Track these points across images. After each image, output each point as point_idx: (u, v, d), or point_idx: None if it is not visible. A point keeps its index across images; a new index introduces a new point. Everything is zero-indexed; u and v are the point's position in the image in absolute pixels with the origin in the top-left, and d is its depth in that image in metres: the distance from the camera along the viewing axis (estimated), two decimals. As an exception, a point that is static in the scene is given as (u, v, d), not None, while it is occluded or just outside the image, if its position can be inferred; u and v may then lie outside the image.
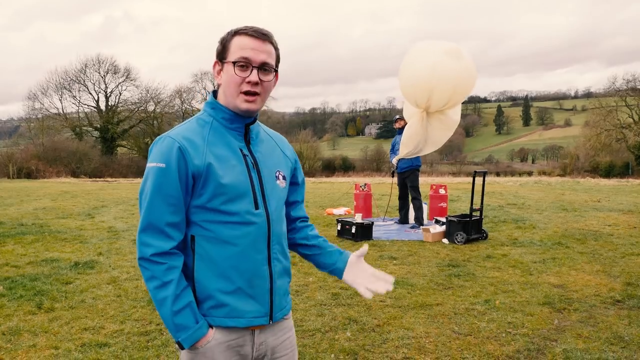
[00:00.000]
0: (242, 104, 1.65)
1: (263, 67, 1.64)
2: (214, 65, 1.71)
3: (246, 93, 1.64)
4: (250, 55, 1.62)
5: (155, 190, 1.59)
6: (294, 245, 1.93)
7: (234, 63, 1.62)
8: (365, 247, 1.85)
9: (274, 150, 1.82)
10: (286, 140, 1.94)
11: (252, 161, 1.70)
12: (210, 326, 1.64)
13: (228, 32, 1.68)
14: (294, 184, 1.91)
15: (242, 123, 1.70)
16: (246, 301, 1.65)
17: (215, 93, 1.75)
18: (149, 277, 1.59)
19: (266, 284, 1.68)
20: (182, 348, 1.62)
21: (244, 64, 1.62)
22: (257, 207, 1.65)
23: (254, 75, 1.63)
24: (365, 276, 1.83)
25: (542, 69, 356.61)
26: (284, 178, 1.80)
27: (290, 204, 1.91)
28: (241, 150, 1.69)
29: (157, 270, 1.58)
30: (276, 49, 1.70)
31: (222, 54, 1.67)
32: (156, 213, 1.59)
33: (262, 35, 1.64)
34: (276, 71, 1.72)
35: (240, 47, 1.63)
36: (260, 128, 1.83)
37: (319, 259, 1.90)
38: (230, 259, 1.62)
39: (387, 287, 1.81)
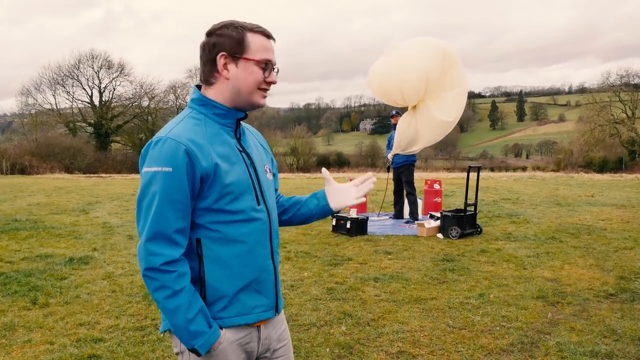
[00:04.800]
0: (260, 99, 1.70)
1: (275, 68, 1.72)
2: (220, 58, 1.63)
3: (263, 91, 1.69)
4: (272, 58, 1.68)
5: (164, 197, 1.52)
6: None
7: (258, 62, 1.65)
8: (323, 170, 1.97)
9: (257, 145, 1.85)
10: (259, 133, 1.98)
11: (248, 157, 1.70)
12: (221, 327, 1.63)
13: (236, 27, 1.64)
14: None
15: (234, 118, 1.69)
16: (255, 297, 1.67)
17: (199, 87, 1.71)
18: (157, 287, 1.53)
19: (271, 277, 1.72)
20: (198, 355, 1.58)
21: (268, 64, 1.67)
22: (259, 203, 1.67)
23: (274, 76, 1.70)
24: (346, 192, 1.90)
25: (538, 64, 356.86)
26: (269, 171, 1.83)
27: None
28: (237, 147, 1.68)
29: (167, 280, 1.52)
30: None
31: (236, 49, 1.63)
32: (165, 221, 1.53)
33: (273, 37, 1.71)
34: None
35: (264, 48, 1.66)
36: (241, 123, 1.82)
37: (301, 212, 1.92)
38: (240, 257, 1.62)
39: (372, 180, 1.90)
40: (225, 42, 1.63)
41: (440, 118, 7.77)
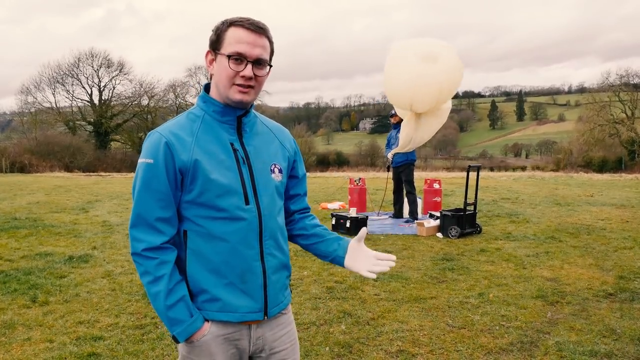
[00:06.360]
0: (235, 94, 1.62)
1: (257, 62, 1.61)
2: (207, 55, 1.67)
3: (239, 86, 1.62)
4: (245, 50, 1.58)
5: (144, 186, 1.60)
6: (293, 237, 1.91)
7: (228, 57, 1.59)
8: (364, 230, 1.82)
9: (270, 143, 1.78)
10: (287, 131, 1.90)
11: (243, 155, 1.67)
12: (206, 320, 1.64)
13: (223, 22, 1.63)
14: (294, 177, 1.87)
15: (233, 116, 1.68)
16: (239, 296, 1.64)
17: (207, 86, 1.73)
18: (142, 272, 1.61)
19: (259, 280, 1.67)
20: (177, 342, 1.63)
21: (239, 58, 1.59)
22: (247, 203, 1.64)
23: (248, 70, 1.60)
24: (366, 259, 1.78)
25: (538, 64, 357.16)
26: (280, 171, 1.76)
27: (290, 197, 1.88)
28: (232, 145, 1.66)
29: (149, 265, 1.59)
30: (271, 42, 1.66)
31: (215, 44, 1.63)
32: (145, 208, 1.60)
33: (258, 29, 1.60)
34: (270, 65, 1.67)
35: (236, 40, 1.58)
36: (258, 120, 1.80)
37: (318, 247, 1.86)
38: (221, 254, 1.62)
39: (390, 265, 1.77)
40: (211, 39, 1.66)
41: (446, 106, 8.15)
